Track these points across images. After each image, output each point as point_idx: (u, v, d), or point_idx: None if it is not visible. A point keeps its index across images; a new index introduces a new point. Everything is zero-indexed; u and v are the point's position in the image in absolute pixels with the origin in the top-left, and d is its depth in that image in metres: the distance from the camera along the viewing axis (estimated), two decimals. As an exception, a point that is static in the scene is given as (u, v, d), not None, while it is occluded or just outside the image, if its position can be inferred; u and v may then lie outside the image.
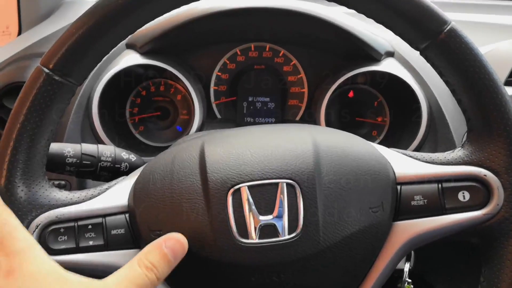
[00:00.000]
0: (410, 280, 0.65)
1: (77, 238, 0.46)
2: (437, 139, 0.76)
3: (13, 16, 1.08)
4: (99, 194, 0.49)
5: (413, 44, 0.49)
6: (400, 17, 0.46)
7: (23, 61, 0.83)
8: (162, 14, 0.47)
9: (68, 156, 0.56)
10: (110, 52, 0.78)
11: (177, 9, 0.49)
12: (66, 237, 0.46)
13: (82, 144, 0.58)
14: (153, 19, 0.47)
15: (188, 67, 0.85)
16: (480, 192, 0.47)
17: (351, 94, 0.87)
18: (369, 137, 0.86)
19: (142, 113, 0.86)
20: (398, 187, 0.48)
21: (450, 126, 0.74)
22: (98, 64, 0.49)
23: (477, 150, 0.48)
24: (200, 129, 0.81)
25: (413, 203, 0.48)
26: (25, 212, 0.45)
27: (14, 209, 0.45)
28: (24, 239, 0.42)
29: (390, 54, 0.81)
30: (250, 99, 0.88)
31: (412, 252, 0.67)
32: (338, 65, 0.84)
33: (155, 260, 0.42)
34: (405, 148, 0.77)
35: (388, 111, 0.86)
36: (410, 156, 0.50)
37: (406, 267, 0.65)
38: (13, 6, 1.07)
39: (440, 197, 0.47)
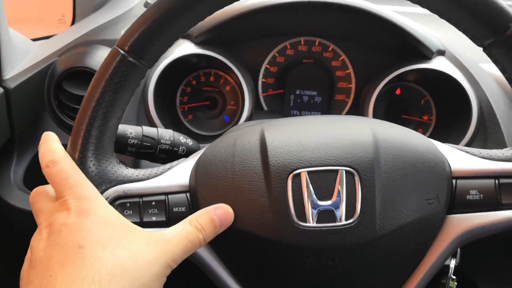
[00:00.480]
0: (455, 277, 0.65)
1: (141, 213, 0.49)
2: (486, 139, 0.75)
3: (68, 5, 1.12)
4: (162, 173, 0.51)
5: (477, 40, 0.49)
6: (466, 12, 0.46)
7: (81, 48, 0.87)
8: (232, 3, 0.49)
9: (130, 137, 0.59)
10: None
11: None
12: (131, 212, 0.49)
13: (143, 126, 0.61)
14: (223, 7, 0.49)
15: (239, 59, 0.87)
16: None
17: (398, 91, 0.87)
18: (416, 133, 0.86)
19: (192, 102, 0.89)
20: (454, 181, 0.48)
21: (501, 125, 0.74)
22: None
23: None
24: (248, 119, 0.83)
25: (468, 197, 0.48)
26: (95, 185, 0.48)
27: None
28: (92, 188, 0.46)
29: (441, 52, 0.81)
30: (297, 92, 0.90)
31: (459, 250, 0.67)
32: (388, 62, 0.84)
33: (204, 223, 0.46)
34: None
35: (434, 110, 0.86)
36: (467, 152, 0.50)
37: (452, 263, 0.64)
38: (69, -4, 1.11)
39: (497, 193, 0.47)
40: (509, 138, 0.73)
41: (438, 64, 0.79)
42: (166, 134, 0.61)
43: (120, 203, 0.49)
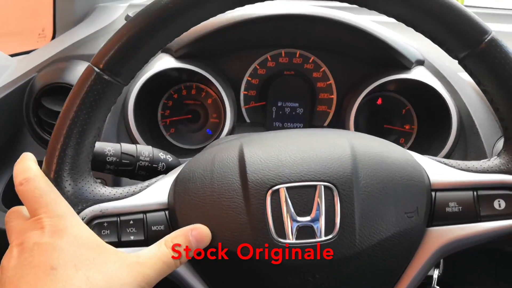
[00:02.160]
0: (438, 287, 0.65)
1: (119, 232, 0.48)
2: (466, 148, 0.76)
3: (48, 19, 1.11)
4: (140, 190, 0.51)
5: (452, 53, 0.49)
6: (441, 26, 0.47)
7: (61, 63, 0.86)
8: (209, 18, 0.49)
9: (109, 154, 0.58)
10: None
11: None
12: (109, 231, 0.48)
13: (121, 144, 0.60)
14: (199, 24, 0.49)
15: (220, 72, 0.87)
16: None
17: (379, 101, 0.87)
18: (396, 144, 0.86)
19: (174, 115, 0.88)
20: (433, 193, 0.49)
21: (481, 134, 0.75)
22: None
23: None
24: (230, 132, 0.83)
25: (447, 209, 0.48)
26: (71, 205, 0.47)
27: None
28: (67, 206, 0.46)
29: (420, 62, 0.82)
30: (279, 104, 0.90)
31: (442, 260, 0.67)
32: (368, 72, 0.85)
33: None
34: (434, 154, 0.77)
35: (416, 119, 0.87)
36: (445, 164, 0.51)
37: (435, 273, 0.65)
38: (49, 10, 1.11)
39: (476, 205, 0.48)
40: (488, 146, 0.74)
41: (417, 74, 0.80)
42: (145, 150, 0.61)
43: (98, 223, 0.48)
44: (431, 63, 0.81)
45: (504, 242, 0.49)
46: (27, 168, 0.47)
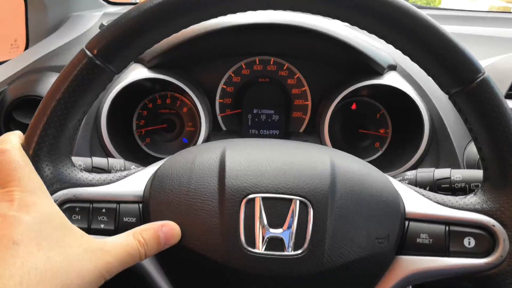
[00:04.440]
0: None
1: (90, 219, 0.48)
2: (439, 151, 0.77)
3: (21, 29, 1.09)
4: (117, 180, 0.50)
5: (444, 88, 0.49)
6: (436, 60, 0.46)
7: (33, 75, 0.85)
8: (208, 19, 0.48)
9: (80, 169, 0.58)
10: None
11: None
12: (79, 217, 0.48)
13: (92, 157, 0.60)
14: (198, 23, 0.48)
15: (194, 81, 0.87)
16: (486, 241, 0.48)
17: (354, 106, 0.88)
18: (371, 149, 0.88)
19: (149, 125, 0.88)
20: (406, 222, 0.49)
21: (452, 138, 0.76)
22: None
23: (490, 199, 0.48)
24: (206, 140, 0.83)
25: (418, 240, 0.48)
26: (46, 186, 0.46)
27: None
28: (40, 184, 0.45)
29: (393, 67, 0.83)
30: (255, 111, 0.90)
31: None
32: (342, 78, 0.85)
33: (148, 238, 0.46)
34: (408, 161, 0.78)
35: (390, 123, 0.88)
36: (423, 195, 0.51)
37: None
38: (21, 19, 1.09)
39: (446, 239, 0.48)
40: (459, 149, 0.75)
41: (389, 79, 0.80)
42: (116, 164, 0.60)
43: (69, 207, 0.48)
44: (403, 68, 0.82)
45: (469, 280, 0.49)
46: (7, 139, 0.46)
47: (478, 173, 0.59)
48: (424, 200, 0.50)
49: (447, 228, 0.48)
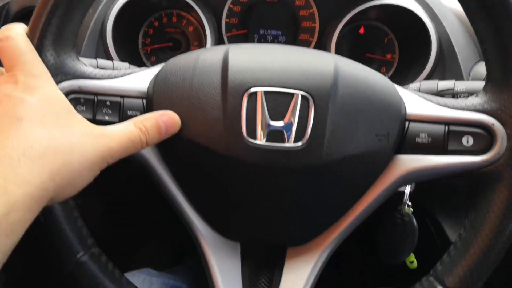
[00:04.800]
0: (410, 203, 0.67)
1: (94, 111, 0.49)
2: (445, 72, 0.76)
3: None
4: (122, 75, 0.51)
5: None
6: None
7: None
8: None
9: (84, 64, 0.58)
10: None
11: None
12: (84, 108, 0.49)
13: (98, 59, 0.60)
14: None
15: (201, -2, 0.86)
16: (484, 139, 0.48)
17: (361, 30, 0.87)
18: (378, 73, 0.87)
19: (154, 43, 0.87)
20: (407, 123, 0.49)
21: (459, 58, 0.75)
22: None
23: (491, 100, 0.48)
24: (211, 59, 0.82)
25: (417, 139, 0.49)
26: (51, 76, 0.47)
27: None
28: (44, 69, 0.45)
29: None
30: (261, 32, 0.89)
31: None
32: (351, 0, 0.84)
33: (149, 126, 0.46)
34: (413, 81, 0.78)
35: (397, 49, 0.87)
36: (424, 98, 0.51)
37: (407, 189, 0.67)
38: None
39: (445, 138, 0.48)
40: (466, 70, 0.75)
41: None
42: (121, 66, 0.61)
43: (74, 98, 0.49)
44: (413, -12, 0.81)
45: (465, 177, 0.49)
46: (11, 28, 0.46)
47: (482, 84, 0.59)
48: (426, 103, 0.50)
49: (446, 127, 0.49)
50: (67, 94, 0.48)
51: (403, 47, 0.86)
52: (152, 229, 1.14)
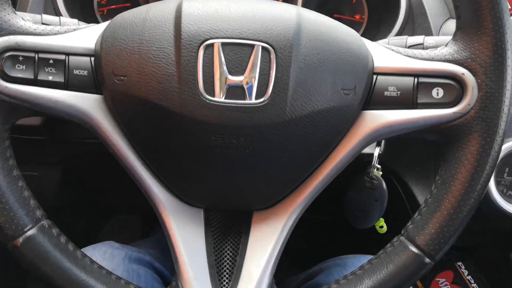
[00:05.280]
0: (379, 166, 0.66)
1: (36, 70, 0.45)
2: (414, 30, 0.75)
3: None
4: (65, 32, 0.47)
5: None
6: None
7: None
8: None
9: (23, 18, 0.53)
10: None
11: None
12: (24, 67, 0.45)
13: (42, 14, 0.55)
14: None
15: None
16: (455, 90, 0.46)
17: (330, -11, 0.84)
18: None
19: (112, 3, 0.82)
20: (374, 76, 0.47)
21: (428, 15, 0.73)
22: None
23: (461, 49, 0.46)
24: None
25: (386, 93, 0.47)
26: None
27: None
28: None
29: None
30: None
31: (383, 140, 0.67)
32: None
33: None
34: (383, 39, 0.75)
35: (366, 9, 0.84)
36: (392, 50, 0.49)
37: (376, 151, 0.65)
38: None
39: (414, 91, 0.46)
40: (435, 27, 0.73)
41: None
42: (69, 22, 0.56)
43: (11, 56, 0.44)
44: None
45: (435, 132, 0.48)
46: None
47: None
48: (394, 55, 0.48)
49: (415, 80, 0.46)
50: (3, 51, 0.44)
51: (372, 7, 0.84)
52: (119, 201, 1.11)
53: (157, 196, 0.49)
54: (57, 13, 0.73)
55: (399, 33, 0.75)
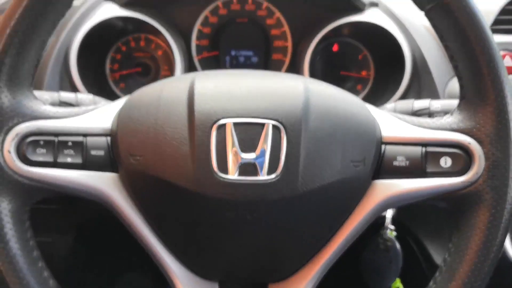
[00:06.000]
0: (393, 227, 0.65)
1: (55, 153, 0.46)
2: (420, 88, 0.76)
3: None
4: (83, 113, 0.48)
5: (418, 4, 0.48)
6: None
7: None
8: None
9: (46, 104, 0.55)
10: (89, 5, 0.76)
11: None
12: (45, 150, 0.46)
13: (60, 92, 0.57)
14: None
15: (169, 21, 0.83)
16: (462, 159, 0.47)
17: (335, 47, 0.86)
18: (353, 91, 0.86)
19: (123, 69, 0.84)
20: (383, 146, 0.48)
21: (434, 75, 0.74)
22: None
23: (466, 118, 0.47)
24: (182, 84, 0.80)
25: (395, 163, 0.47)
26: (6, 119, 0.45)
27: None
28: None
29: (374, 4, 0.80)
30: (233, 53, 0.87)
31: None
32: (322, 17, 0.82)
33: None
34: (389, 98, 0.77)
35: (372, 65, 0.86)
36: (399, 118, 0.50)
37: (389, 213, 0.65)
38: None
39: (422, 160, 0.47)
40: (440, 86, 0.74)
41: (370, 16, 0.78)
42: (85, 99, 0.58)
43: (33, 141, 0.46)
44: (385, 4, 0.80)
45: (446, 199, 0.48)
46: None
47: (457, 103, 0.58)
48: (401, 123, 0.49)
49: (423, 149, 0.47)
50: (25, 136, 0.46)
51: (377, 63, 0.85)
52: (130, 260, 1.10)
53: (171, 269, 0.49)
54: (71, 83, 0.75)
55: (406, 90, 0.76)
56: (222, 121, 0.44)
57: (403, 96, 0.77)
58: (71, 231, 0.80)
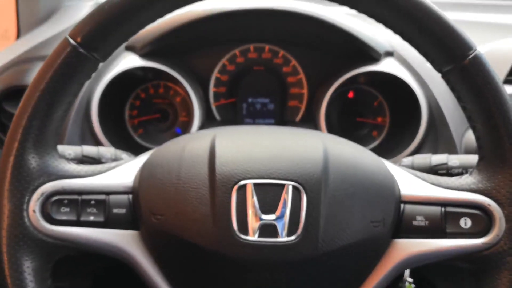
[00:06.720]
0: (411, 280, 0.65)
1: (79, 211, 0.47)
2: (437, 139, 0.76)
3: (11, 19, 1.08)
4: (106, 171, 0.49)
5: (436, 66, 0.49)
6: (428, 38, 0.46)
7: (23, 65, 0.83)
8: (193, 2, 0.47)
9: (69, 158, 0.56)
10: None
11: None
12: (68, 209, 0.47)
13: (82, 146, 0.58)
14: (183, 7, 0.47)
15: (187, 69, 0.85)
16: (482, 220, 0.47)
17: (351, 94, 0.87)
18: (369, 137, 0.86)
19: (142, 115, 0.86)
20: (402, 205, 0.48)
21: (450, 125, 0.74)
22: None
23: (485, 179, 0.48)
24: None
25: (414, 223, 0.48)
26: (33, 179, 0.46)
27: (23, 174, 0.46)
28: None
29: (390, 53, 0.81)
30: (250, 100, 0.88)
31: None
32: (338, 66, 0.84)
33: None
34: (405, 148, 0.77)
35: (388, 112, 0.86)
36: (418, 177, 0.50)
37: (407, 267, 0.64)
38: (12, 9, 1.07)
39: (442, 221, 0.47)
40: (457, 137, 0.74)
41: (386, 66, 0.79)
42: (107, 152, 0.59)
43: (57, 200, 0.47)
44: (400, 54, 0.81)
45: (466, 260, 0.48)
46: None
47: (475, 158, 0.58)
48: (419, 182, 0.49)
49: (443, 209, 0.47)
50: (50, 196, 0.47)
51: (393, 110, 0.86)
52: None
53: None
54: (92, 133, 0.76)
55: (422, 141, 0.76)
56: (242, 182, 0.45)
57: (420, 145, 0.77)
58: (88, 278, 0.80)
